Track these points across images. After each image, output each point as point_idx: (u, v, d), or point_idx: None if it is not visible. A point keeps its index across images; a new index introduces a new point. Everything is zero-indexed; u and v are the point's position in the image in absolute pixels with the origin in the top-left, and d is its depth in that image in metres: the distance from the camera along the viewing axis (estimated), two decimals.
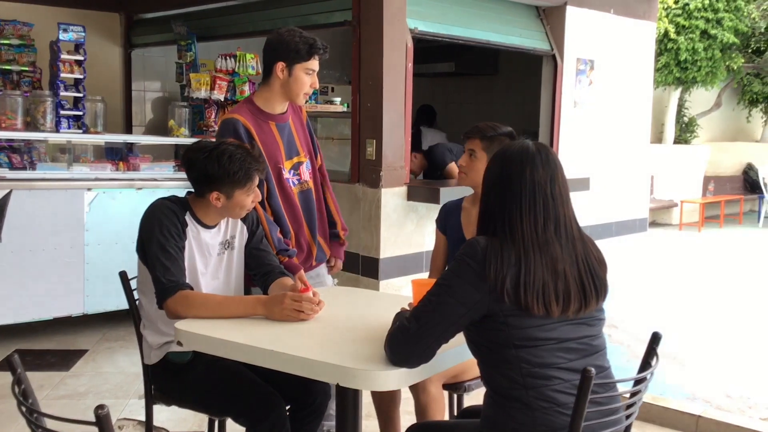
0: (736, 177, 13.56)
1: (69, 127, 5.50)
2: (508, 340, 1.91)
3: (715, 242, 10.35)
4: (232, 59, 6.06)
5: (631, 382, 2.00)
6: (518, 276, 1.88)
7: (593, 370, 1.77)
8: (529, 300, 1.87)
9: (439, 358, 2.07)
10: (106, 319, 5.36)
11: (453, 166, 6.16)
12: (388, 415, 3.09)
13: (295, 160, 3.12)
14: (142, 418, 3.46)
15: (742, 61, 12.17)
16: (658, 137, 12.17)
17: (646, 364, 2.09)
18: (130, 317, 2.87)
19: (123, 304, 3.15)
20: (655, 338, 2.11)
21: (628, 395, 1.98)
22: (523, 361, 1.89)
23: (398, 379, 2.03)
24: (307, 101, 3.18)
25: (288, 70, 2.97)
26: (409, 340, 1.95)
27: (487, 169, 2.07)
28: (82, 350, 4.95)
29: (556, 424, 1.87)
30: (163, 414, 3.66)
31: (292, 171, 3.11)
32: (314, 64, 2.99)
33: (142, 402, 3.32)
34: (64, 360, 4.76)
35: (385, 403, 3.08)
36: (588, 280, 1.95)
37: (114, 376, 4.50)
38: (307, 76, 2.99)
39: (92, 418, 1.60)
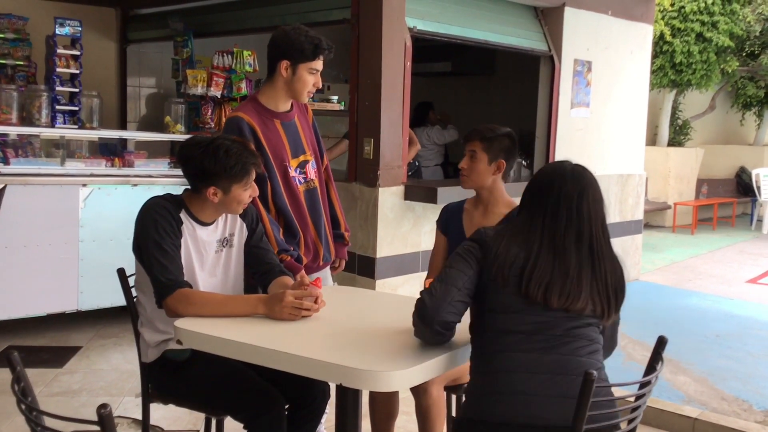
0: (729, 180, 13.62)
1: (65, 123, 5.44)
2: (483, 305, 2.07)
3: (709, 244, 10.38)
4: (229, 56, 6.02)
5: (636, 386, 1.99)
6: (524, 266, 2.01)
7: (595, 373, 1.79)
8: (531, 286, 1.98)
9: (441, 360, 2.07)
10: (100, 315, 5.32)
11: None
12: (382, 428, 3.06)
13: (301, 158, 3.09)
14: (137, 416, 3.44)
15: (737, 64, 12.20)
16: (652, 139, 12.19)
17: (651, 368, 2.08)
18: (124, 314, 2.85)
19: (118, 301, 3.14)
20: (661, 342, 2.09)
21: (632, 398, 1.97)
22: (488, 328, 2.06)
23: (401, 380, 2.02)
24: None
25: (292, 69, 2.93)
26: (435, 294, 2.04)
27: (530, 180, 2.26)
28: (75, 347, 4.91)
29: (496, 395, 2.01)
30: (158, 412, 3.63)
31: (298, 169, 3.07)
32: (318, 64, 2.95)
33: (137, 400, 3.30)
34: (58, 357, 4.72)
35: (383, 417, 3.04)
36: (605, 298, 2.05)
37: (108, 373, 4.47)
38: (311, 75, 2.95)
39: (87, 416, 1.58)
